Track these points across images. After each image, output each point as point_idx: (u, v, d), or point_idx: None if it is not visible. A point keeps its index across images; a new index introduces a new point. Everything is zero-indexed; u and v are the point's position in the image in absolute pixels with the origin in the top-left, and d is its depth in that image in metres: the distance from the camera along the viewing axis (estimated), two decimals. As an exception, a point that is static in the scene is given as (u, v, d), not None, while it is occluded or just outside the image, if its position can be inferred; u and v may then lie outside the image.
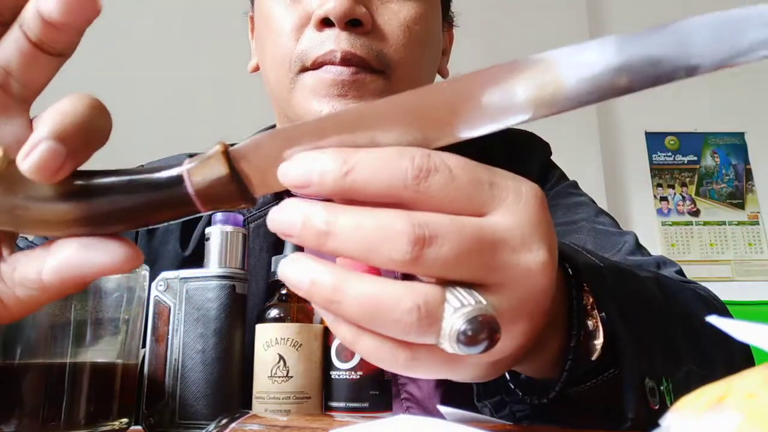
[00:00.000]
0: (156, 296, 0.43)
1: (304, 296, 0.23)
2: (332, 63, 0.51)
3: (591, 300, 0.33)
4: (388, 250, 0.21)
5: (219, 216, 0.45)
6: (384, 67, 0.53)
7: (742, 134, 2.33)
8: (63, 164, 0.22)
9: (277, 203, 0.63)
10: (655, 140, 2.31)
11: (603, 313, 0.32)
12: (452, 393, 0.58)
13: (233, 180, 0.23)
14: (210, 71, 1.67)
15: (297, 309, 0.45)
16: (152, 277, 0.43)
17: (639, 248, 0.59)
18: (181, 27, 1.84)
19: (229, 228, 0.45)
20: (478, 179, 0.23)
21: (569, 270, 0.33)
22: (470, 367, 0.26)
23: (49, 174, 0.22)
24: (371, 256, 0.22)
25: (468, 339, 0.21)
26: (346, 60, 0.51)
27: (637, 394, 0.31)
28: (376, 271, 0.23)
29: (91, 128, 0.23)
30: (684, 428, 0.17)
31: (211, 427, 0.32)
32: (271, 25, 0.56)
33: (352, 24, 0.51)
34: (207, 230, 0.45)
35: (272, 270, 0.46)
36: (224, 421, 0.32)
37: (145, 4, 1.81)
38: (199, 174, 0.23)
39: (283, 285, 0.46)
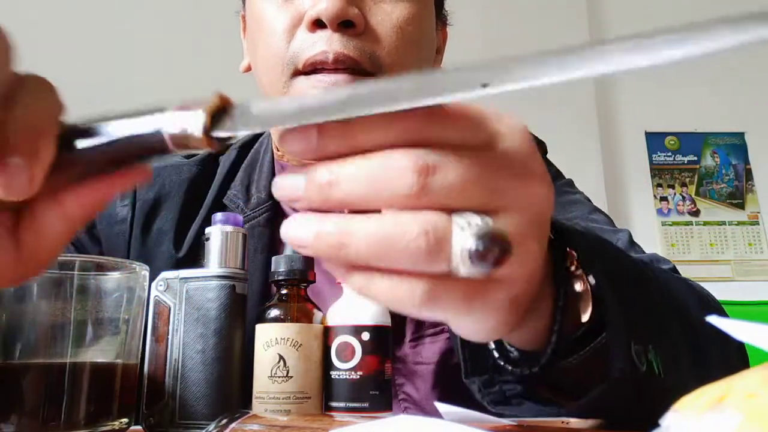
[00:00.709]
0: (156, 296, 0.43)
1: (310, 254, 0.23)
2: (324, 64, 0.51)
3: (577, 263, 0.33)
4: (395, 185, 0.21)
5: (219, 216, 0.45)
6: (377, 69, 0.53)
7: (742, 134, 2.33)
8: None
9: (271, 204, 0.63)
10: (655, 140, 2.31)
11: (590, 276, 0.32)
12: (449, 393, 0.58)
13: (208, 142, 0.24)
14: (206, 70, 1.67)
15: (297, 309, 0.45)
16: (152, 277, 0.43)
17: (632, 245, 0.59)
18: (176, 27, 1.84)
19: (229, 228, 0.45)
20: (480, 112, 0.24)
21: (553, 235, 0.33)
22: (490, 305, 0.25)
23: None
24: (379, 197, 0.22)
25: (480, 255, 0.21)
26: (338, 61, 0.51)
27: (624, 352, 0.31)
28: None
29: None
30: (684, 428, 0.17)
31: (211, 427, 0.32)
32: (263, 26, 0.55)
33: (344, 25, 0.51)
34: (207, 230, 0.45)
35: (272, 270, 0.46)
36: (224, 421, 0.32)
37: (143, 5, 1.82)
38: (178, 131, 0.23)
39: (283, 285, 0.46)
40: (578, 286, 0.33)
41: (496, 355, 0.35)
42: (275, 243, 0.60)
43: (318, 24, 0.51)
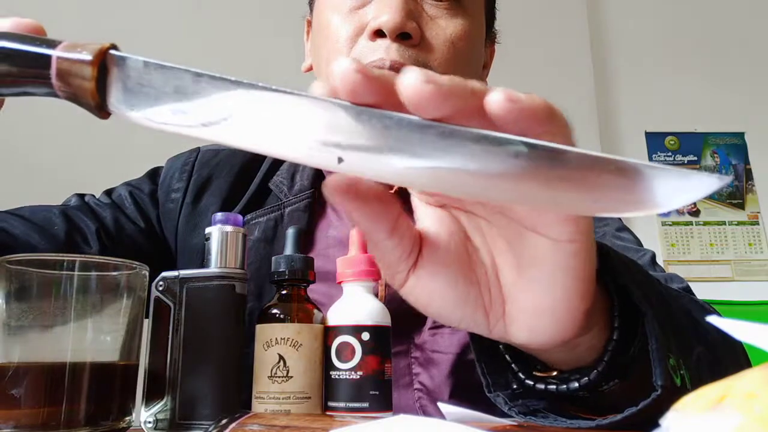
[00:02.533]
0: (156, 296, 0.43)
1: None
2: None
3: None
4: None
5: (219, 216, 0.45)
6: None
7: (742, 134, 2.33)
8: None
9: (312, 192, 0.67)
10: (655, 140, 2.31)
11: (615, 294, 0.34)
12: (463, 385, 0.59)
13: (96, 90, 0.24)
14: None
15: (297, 309, 0.45)
16: (152, 277, 0.43)
17: (654, 265, 0.62)
18: (181, 29, 1.84)
19: (228, 228, 0.45)
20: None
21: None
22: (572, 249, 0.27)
23: None
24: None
25: None
26: (394, 69, 0.55)
27: (665, 368, 0.31)
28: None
29: None
30: (684, 428, 0.17)
31: (211, 427, 0.32)
32: (328, 33, 0.61)
33: (402, 37, 0.56)
34: (207, 230, 0.45)
35: (272, 270, 0.46)
36: (224, 421, 0.32)
37: (146, 6, 1.82)
38: (67, 65, 0.24)
39: (283, 285, 0.46)
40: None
41: (519, 373, 0.36)
42: (311, 227, 0.64)
43: (379, 34, 0.57)
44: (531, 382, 0.36)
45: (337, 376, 0.43)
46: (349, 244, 0.48)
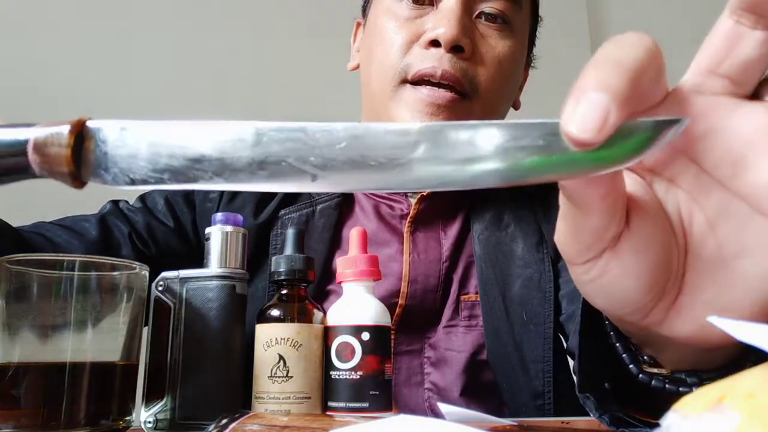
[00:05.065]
0: (156, 296, 0.43)
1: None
2: (431, 77, 0.60)
3: None
4: None
5: (219, 216, 0.45)
6: (473, 92, 0.62)
7: (742, 134, 2.33)
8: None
9: None
10: (655, 140, 2.31)
11: None
12: (473, 385, 0.59)
13: (72, 161, 0.24)
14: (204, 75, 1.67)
15: (297, 309, 0.45)
16: (152, 277, 0.43)
17: None
18: (176, 29, 1.84)
19: (229, 228, 0.45)
20: None
21: None
22: None
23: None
24: None
25: None
26: (444, 78, 0.60)
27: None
28: None
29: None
30: (684, 428, 0.17)
31: (211, 427, 0.32)
32: (383, 37, 0.65)
33: (455, 49, 0.61)
34: (207, 230, 0.45)
35: (272, 270, 0.46)
36: (224, 421, 0.32)
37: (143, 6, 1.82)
38: (43, 145, 0.24)
39: (283, 285, 0.46)
40: None
41: (625, 357, 0.32)
42: (339, 225, 0.68)
43: (434, 44, 0.61)
44: (639, 373, 0.31)
45: (337, 376, 0.43)
46: (350, 244, 0.48)
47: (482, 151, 0.21)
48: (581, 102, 0.20)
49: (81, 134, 0.24)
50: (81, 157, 0.24)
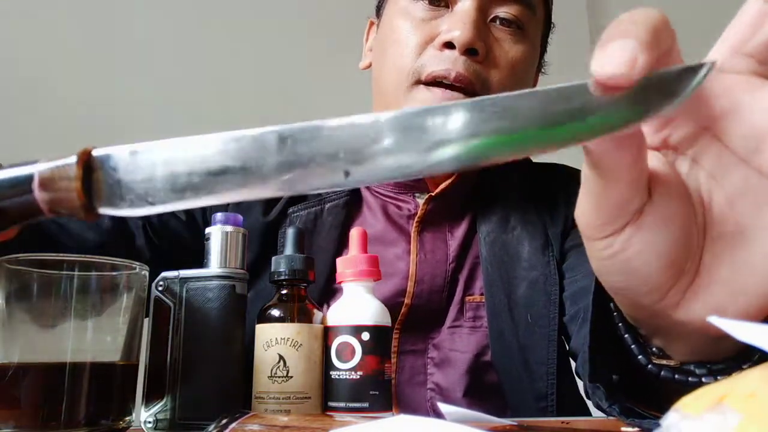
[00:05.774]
0: (156, 296, 0.43)
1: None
2: (445, 79, 0.61)
3: None
4: None
5: (219, 216, 0.45)
6: (485, 95, 0.58)
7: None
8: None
9: (351, 189, 0.68)
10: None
11: None
12: (476, 386, 0.59)
13: (83, 194, 0.23)
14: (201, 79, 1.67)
15: (297, 309, 0.45)
16: (152, 277, 0.43)
17: None
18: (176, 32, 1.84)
19: (229, 228, 0.45)
20: None
21: None
22: None
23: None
24: None
25: None
26: (457, 80, 0.60)
27: None
28: None
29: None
30: (684, 428, 0.17)
31: (211, 427, 0.32)
32: (398, 38, 0.65)
33: (470, 52, 0.61)
34: (207, 230, 0.45)
35: (272, 270, 0.46)
36: (224, 421, 0.32)
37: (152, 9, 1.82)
38: (49, 181, 0.24)
39: (283, 285, 0.46)
40: None
41: (634, 348, 0.32)
42: (347, 223, 0.68)
43: (448, 46, 0.61)
44: (648, 364, 0.31)
45: (337, 376, 0.43)
46: (349, 244, 0.48)
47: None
48: (608, 47, 0.20)
49: (89, 165, 0.24)
50: (92, 189, 0.24)
